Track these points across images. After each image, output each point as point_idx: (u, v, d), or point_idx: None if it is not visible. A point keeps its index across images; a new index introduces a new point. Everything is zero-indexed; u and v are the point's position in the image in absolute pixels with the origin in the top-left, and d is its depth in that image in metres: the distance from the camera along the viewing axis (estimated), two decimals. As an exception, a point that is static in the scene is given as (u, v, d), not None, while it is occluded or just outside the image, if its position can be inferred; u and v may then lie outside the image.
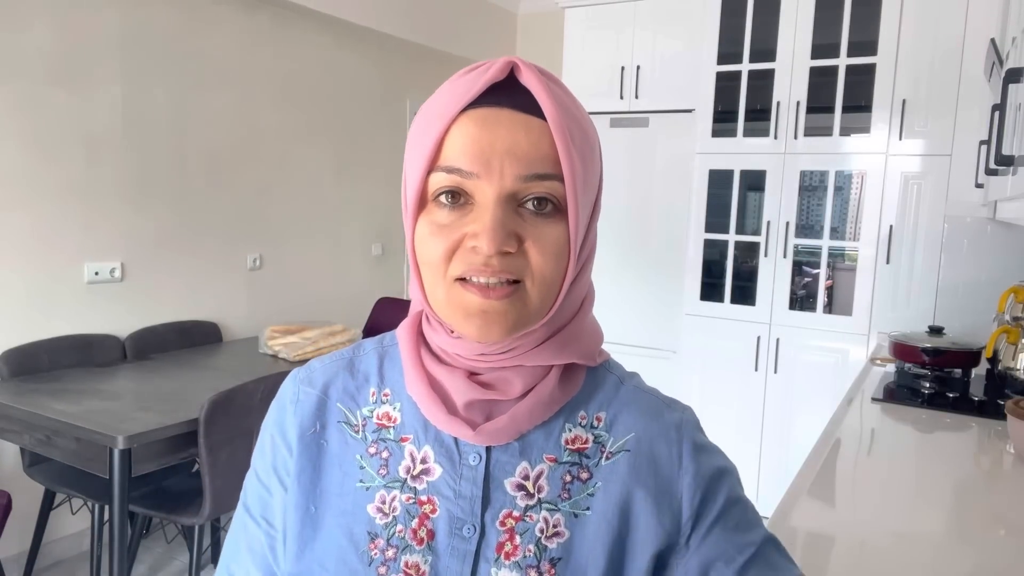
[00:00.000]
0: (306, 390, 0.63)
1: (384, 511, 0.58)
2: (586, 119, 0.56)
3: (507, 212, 0.51)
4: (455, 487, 0.57)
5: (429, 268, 0.53)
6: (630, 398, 0.62)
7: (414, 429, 0.59)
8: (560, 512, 0.57)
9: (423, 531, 0.57)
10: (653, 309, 3.49)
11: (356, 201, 3.94)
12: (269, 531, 0.61)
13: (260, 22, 3.31)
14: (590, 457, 0.59)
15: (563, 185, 0.52)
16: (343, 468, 0.60)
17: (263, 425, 0.64)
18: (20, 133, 2.49)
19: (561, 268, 0.53)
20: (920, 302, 2.93)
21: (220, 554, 0.64)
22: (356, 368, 0.64)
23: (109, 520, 2.05)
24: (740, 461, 3.18)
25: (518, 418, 0.57)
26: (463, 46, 4.24)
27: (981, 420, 1.88)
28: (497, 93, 0.52)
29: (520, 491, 0.57)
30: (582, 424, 0.60)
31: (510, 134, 0.51)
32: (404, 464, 0.59)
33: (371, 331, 3.58)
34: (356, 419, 0.61)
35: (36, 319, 2.57)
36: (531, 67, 0.53)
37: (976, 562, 1.14)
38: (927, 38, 2.83)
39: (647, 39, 3.41)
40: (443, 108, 0.52)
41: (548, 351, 0.57)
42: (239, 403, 2.14)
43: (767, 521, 1.22)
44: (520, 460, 0.58)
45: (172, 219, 3.01)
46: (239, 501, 0.65)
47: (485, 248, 0.50)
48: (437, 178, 0.52)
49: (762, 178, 3.15)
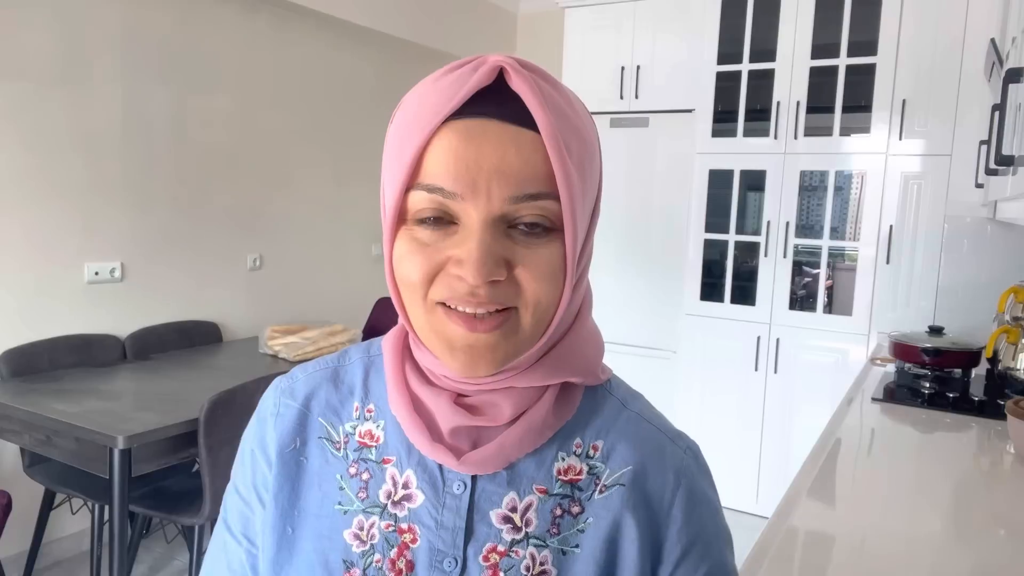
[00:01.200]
0: (287, 402, 0.59)
1: (361, 538, 0.54)
2: (584, 119, 0.51)
3: (495, 236, 0.46)
4: (437, 516, 0.53)
5: (408, 290, 0.49)
6: (631, 427, 0.57)
7: (397, 451, 0.55)
8: (548, 548, 0.53)
9: (402, 562, 0.53)
10: (653, 309, 3.49)
11: (356, 201, 3.94)
12: (250, 549, 0.58)
13: (260, 22, 3.31)
14: (583, 490, 0.54)
15: (558, 203, 0.47)
16: (322, 488, 0.56)
17: (243, 437, 0.61)
18: (20, 133, 2.49)
19: (557, 289, 0.49)
20: (920, 302, 2.93)
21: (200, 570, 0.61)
22: (340, 379, 0.59)
23: (109, 520, 2.04)
24: (740, 461, 3.19)
25: (507, 447, 0.52)
26: (463, 46, 4.24)
27: (981, 420, 1.88)
28: (484, 101, 0.46)
29: (507, 524, 0.53)
30: (576, 453, 0.55)
31: (498, 150, 0.45)
32: (385, 488, 0.55)
33: (371, 331, 3.58)
34: (338, 435, 0.57)
35: (36, 319, 2.57)
36: (521, 70, 0.47)
37: (976, 562, 1.14)
38: (927, 38, 2.83)
39: (647, 39, 3.41)
40: (423, 116, 0.47)
41: (541, 371, 0.52)
42: (239, 403, 2.14)
43: (767, 521, 1.22)
44: (508, 490, 0.54)
45: (172, 219, 3.01)
46: (219, 517, 0.61)
47: (470, 279, 0.45)
48: (417, 197, 0.47)
49: (762, 178, 3.15)
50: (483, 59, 0.48)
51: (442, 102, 0.46)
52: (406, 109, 0.49)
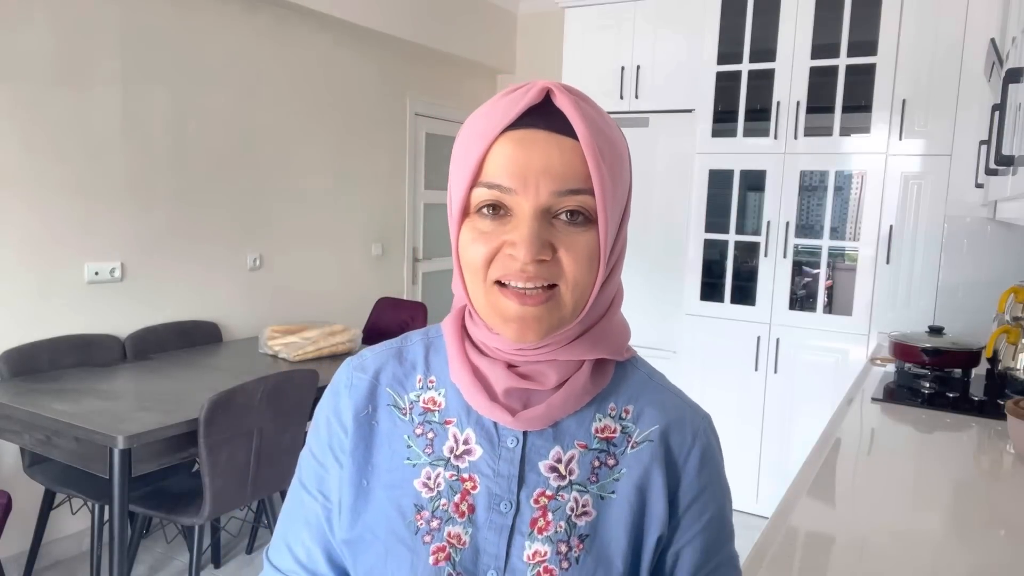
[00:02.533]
0: (359, 375, 0.68)
1: (429, 486, 0.63)
2: (616, 133, 0.61)
3: (542, 224, 0.56)
4: (494, 467, 0.63)
5: (471, 270, 0.59)
6: (656, 395, 0.67)
7: (457, 413, 0.65)
8: (589, 493, 0.63)
9: (464, 505, 0.63)
10: (653, 309, 3.49)
11: (356, 201, 3.94)
12: (325, 504, 0.67)
13: (260, 22, 3.31)
14: (617, 445, 0.65)
15: (594, 199, 0.57)
16: (392, 447, 0.65)
17: (318, 408, 0.70)
18: (20, 133, 2.49)
19: (593, 272, 0.58)
20: (920, 302, 2.93)
21: (276, 528, 0.71)
22: (404, 357, 0.69)
23: (109, 520, 2.05)
24: (740, 461, 3.19)
25: (553, 407, 0.62)
26: (463, 46, 4.25)
27: (981, 420, 1.88)
28: (533, 115, 0.57)
29: (553, 473, 0.63)
30: (611, 415, 0.65)
31: (545, 154, 0.56)
32: (448, 444, 0.64)
33: (371, 331, 3.58)
34: (404, 403, 0.67)
35: (36, 319, 2.57)
36: (564, 90, 0.58)
37: (976, 562, 1.14)
38: (927, 38, 2.83)
39: (647, 39, 3.41)
40: (485, 129, 0.58)
41: (581, 347, 0.62)
42: (239, 403, 2.14)
43: (767, 521, 1.22)
44: (554, 445, 0.64)
45: (172, 219, 3.01)
46: (294, 479, 0.70)
47: (522, 256, 0.55)
48: (479, 192, 0.58)
49: (762, 178, 3.15)
50: (533, 83, 0.58)
51: (500, 117, 0.57)
52: (471, 124, 0.60)
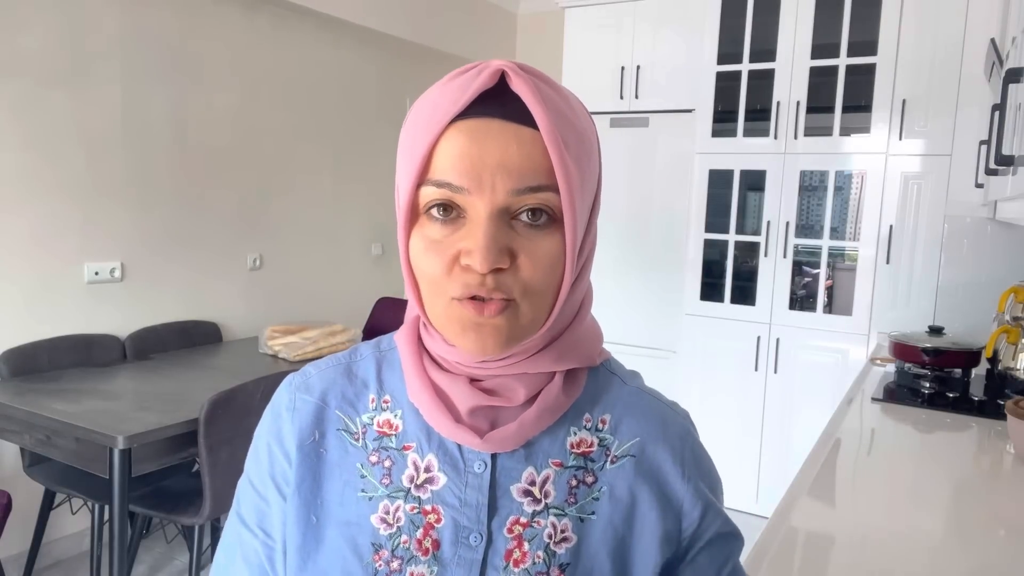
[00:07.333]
0: (303, 397, 0.61)
1: (388, 521, 0.57)
2: (581, 118, 0.54)
3: (500, 227, 0.49)
4: (460, 495, 0.57)
5: (427, 284, 0.53)
6: (634, 401, 0.62)
7: (416, 437, 0.58)
8: (567, 517, 0.57)
9: (428, 541, 0.56)
10: (653, 309, 3.49)
11: (356, 201, 3.94)
12: (267, 541, 0.60)
13: (260, 22, 3.31)
14: (595, 461, 0.59)
15: (558, 196, 0.50)
16: (343, 478, 0.58)
17: (257, 433, 0.63)
18: (20, 133, 2.49)
19: (556, 279, 0.52)
20: (920, 302, 2.93)
21: (213, 564, 0.62)
22: (354, 374, 0.62)
23: (109, 520, 2.05)
24: (740, 461, 3.19)
25: (526, 425, 0.56)
26: (463, 46, 4.24)
27: (981, 420, 1.88)
28: (487, 102, 0.50)
29: (527, 497, 0.57)
30: (586, 427, 0.59)
31: (500, 147, 0.49)
32: (407, 473, 0.58)
33: (371, 331, 3.58)
34: (356, 427, 0.60)
35: (36, 319, 2.57)
36: (521, 72, 0.50)
37: (976, 562, 1.14)
38: (927, 38, 2.83)
39: (647, 39, 3.41)
40: (431, 118, 0.50)
41: (548, 358, 0.56)
42: (239, 403, 2.14)
43: (767, 521, 1.22)
44: (526, 466, 0.57)
45: (172, 219, 3.01)
46: (232, 510, 0.63)
47: (478, 267, 0.49)
48: (427, 191, 0.51)
49: (762, 178, 3.15)
50: (486, 64, 0.51)
51: (449, 104, 0.50)
52: (417, 112, 0.53)
